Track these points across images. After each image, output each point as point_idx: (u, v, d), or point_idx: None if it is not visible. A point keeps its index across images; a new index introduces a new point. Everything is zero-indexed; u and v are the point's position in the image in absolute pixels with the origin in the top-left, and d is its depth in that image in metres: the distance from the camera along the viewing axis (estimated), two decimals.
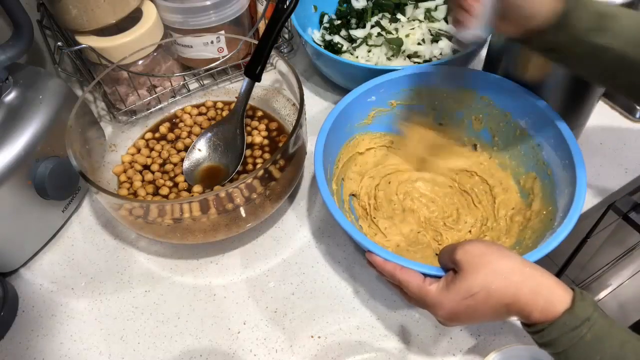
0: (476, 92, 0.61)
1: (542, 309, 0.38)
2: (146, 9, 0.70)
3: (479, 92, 0.61)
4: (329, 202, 0.50)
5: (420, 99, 0.62)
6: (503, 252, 0.40)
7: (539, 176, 0.57)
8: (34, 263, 0.61)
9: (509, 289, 0.38)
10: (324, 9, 0.83)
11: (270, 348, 0.53)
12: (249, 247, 0.61)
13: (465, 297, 0.39)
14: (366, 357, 0.52)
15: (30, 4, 0.70)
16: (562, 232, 0.46)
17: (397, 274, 0.44)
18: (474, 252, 0.40)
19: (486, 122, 0.62)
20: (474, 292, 0.39)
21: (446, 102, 0.63)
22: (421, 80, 0.61)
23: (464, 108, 0.62)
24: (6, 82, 0.56)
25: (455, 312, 0.41)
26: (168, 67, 0.73)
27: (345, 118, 0.59)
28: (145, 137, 0.68)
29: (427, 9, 0.80)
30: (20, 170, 0.54)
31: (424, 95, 0.62)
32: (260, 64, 0.59)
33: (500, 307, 0.39)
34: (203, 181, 0.62)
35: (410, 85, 0.61)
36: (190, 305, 0.57)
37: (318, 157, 0.53)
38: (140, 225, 0.54)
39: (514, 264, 0.39)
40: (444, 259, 0.44)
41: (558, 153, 0.54)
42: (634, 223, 1.11)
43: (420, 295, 0.43)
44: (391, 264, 0.45)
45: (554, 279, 0.39)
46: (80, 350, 0.54)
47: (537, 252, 0.45)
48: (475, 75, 0.61)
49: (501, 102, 0.60)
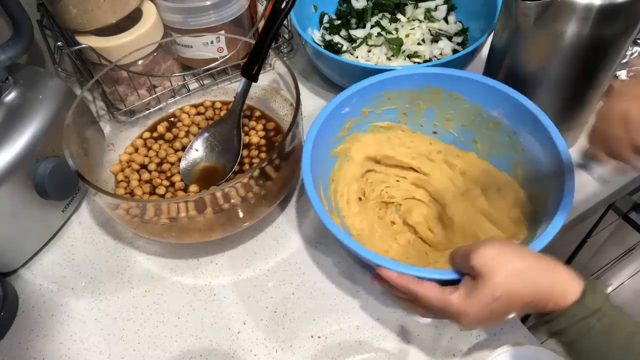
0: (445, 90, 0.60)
1: (555, 300, 0.38)
2: (146, 9, 0.70)
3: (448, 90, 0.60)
4: (332, 227, 0.47)
5: (390, 103, 0.62)
6: (516, 250, 0.40)
7: (522, 163, 0.57)
8: (34, 263, 0.61)
9: (528, 288, 0.39)
10: (324, 9, 0.83)
11: (270, 348, 0.53)
12: (249, 247, 0.61)
13: (488, 302, 0.39)
14: (366, 357, 0.52)
15: (30, 4, 0.70)
16: (560, 218, 0.46)
17: (413, 287, 0.43)
18: (489, 255, 0.40)
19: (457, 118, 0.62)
20: (497, 297, 0.39)
21: (416, 104, 0.62)
22: (391, 85, 0.60)
23: (434, 107, 0.62)
24: (6, 82, 0.56)
25: (480, 318, 0.40)
26: (168, 67, 0.73)
27: (323, 135, 0.57)
28: (143, 137, 0.68)
29: (427, 9, 0.80)
30: (20, 170, 0.54)
31: (393, 99, 0.61)
32: (257, 65, 0.59)
33: (521, 305, 0.39)
34: (199, 181, 0.62)
35: (380, 91, 0.60)
36: (190, 305, 0.57)
37: (307, 177, 0.51)
38: (137, 224, 0.54)
39: (530, 261, 0.40)
40: (457, 263, 0.43)
41: (535, 136, 0.54)
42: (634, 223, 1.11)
43: (442, 306, 0.41)
44: (405, 277, 0.43)
45: (567, 270, 0.39)
46: (80, 350, 0.54)
47: (537, 242, 0.45)
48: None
49: (472, 96, 0.59)
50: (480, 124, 0.60)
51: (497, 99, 0.57)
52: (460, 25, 0.79)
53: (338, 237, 0.47)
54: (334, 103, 0.56)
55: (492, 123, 0.59)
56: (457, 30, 0.78)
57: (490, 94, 0.57)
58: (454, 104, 0.60)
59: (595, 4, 0.49)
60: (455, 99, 0.60)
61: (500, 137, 0.59)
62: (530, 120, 0.54)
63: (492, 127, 0.59)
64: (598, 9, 0.49)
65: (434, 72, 0.59)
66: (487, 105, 0.58)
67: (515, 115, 0.56)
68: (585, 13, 0.50)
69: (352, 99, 0.58)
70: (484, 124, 0.60)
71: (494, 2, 0.71)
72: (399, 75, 0.59)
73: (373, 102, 0.60)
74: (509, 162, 0.59)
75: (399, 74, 0.59)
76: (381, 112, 0.62)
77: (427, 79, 0.59)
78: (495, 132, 0.59)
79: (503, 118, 0.58)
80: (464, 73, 0.58)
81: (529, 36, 0.55)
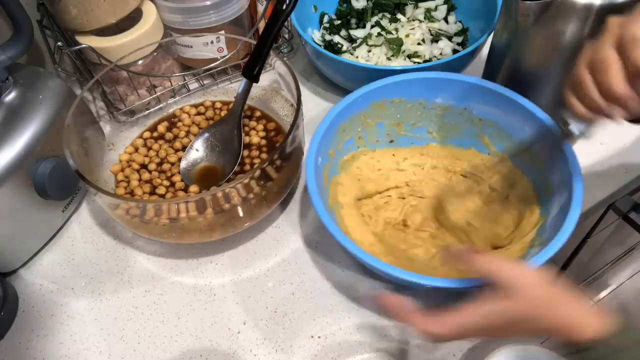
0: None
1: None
2: (146, 9, 0.70)
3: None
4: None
5: (346, 135, 0.61)
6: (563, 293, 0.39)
7: (485, 132, 0.60)
8: (34, 263, 0.61)
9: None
10: (324, 9, 0.83)
11: (270, 348, 0.53)
12: (249, 247, 0.61)
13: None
14: (366, 357, 0.52)
15: (30, 4, 0.70)
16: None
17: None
18: (535, 296, 0.38)
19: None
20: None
21: (366, 123, 0.62)
22: (343, 117, 0.59)
23: (382, 119, 0.62)
24: (6, 82, 0.56)
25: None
26: (168, 67, 0.73)
27: (315, 190, 0.55)
28: (144, 136, 0.68)
29: (427, 9, 0.80)
30: (20, 170, 0.54)
31: (347, 129, 0.61)
32: (258, 65, 0.59)
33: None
34: (200, 181, 0.62)
35: (335, 126, 0.59)
36: (190, 305, 0.57)
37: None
38: (137, 224, 0.54)
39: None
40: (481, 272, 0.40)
41: (487, 102, 0.57)
42: (634, 223, 1.11)
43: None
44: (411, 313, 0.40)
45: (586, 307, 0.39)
46: (80, 350, 0.54)
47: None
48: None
49: (412, 95, 0.61)
50: (428, 115, 0.62)
51: (437, 87, 0.59)
52: (460, 25, 0.79)
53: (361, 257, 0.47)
54: (311, 157, 0.54)
55: (439, 110, 0.61)
56: (457, 30, 0.78)
57: (429, 85, 0.60)
58: (399, 108, 0.62)
59: (595, 4, 0.49)
60: (399, 103, 0.61)
61: (452, 119, 0.61)
62: (477, 90, 0.57)
63: (440, 113, 0.61)
64: (598, 9, 0.49)
65: (374, 87, 0.59)
66: (429, 96, 0.60)
67: (459, 94, 0.59)
68: (585, 13, 0.50)
69: (320, 147, 0.55)
70: (433, 114, 0.62)
71: (494, 2, 0.71)
72: (347, 104, 0.58)
73: (334, 139, 0.59)
74: (472, 137, 0.61)
75: (347, 103, 0.58)
76: (342, 146, 0.61)
77: (370, 96, 0.60)
78: (446, 117, 0.61)
79: (448, 101, 0.60)
80: (398, 77, 0.59)
81: (529, 36, 0.55)
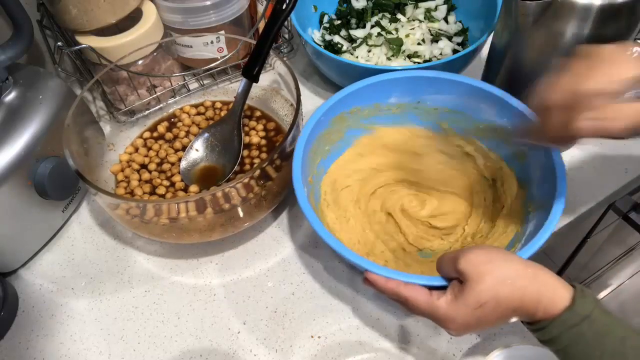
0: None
1: (544, 308, 0.38)
2: (146, 9, 0.70)
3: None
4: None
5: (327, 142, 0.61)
6: (505, 256, 0.40)
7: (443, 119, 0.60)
8: (34, 263, 0.61)
9: (515, 294, 0.38)
10: (324, 9, 0.83)
11: (270, 348, 0.53)
12: (249, 247, 0.61)
13: (475, 307, 0.39)
14: (366, 357, 0.52)
15: (30, 4, 0.70)
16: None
17: (402, 292, 0.43)
18: (477, 261, 0.40)
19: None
20: (483, 302, 0.39)
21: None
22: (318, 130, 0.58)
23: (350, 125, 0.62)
24: (6, 82, 0.56)
25: (466, 324, 0.40)
26: (168, 67, 0.73)
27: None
28: (144, 136, 0.68)
29: (427, 9, 0.80)
30: (20, 170, 0.54)
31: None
32: (258, 65, 0.59)
33: (508, 312, 0.39)
34: (200, 181, 0.62)
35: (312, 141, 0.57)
36: (190, 305, 0.57)
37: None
38: (137, 224, 0.54)
39: (517, 267, 0.39)
40: (445, 269, 0.43)
41: (436, 88, 0.57)
42: (634, 223, 1.11)
43: (429, 311, 0.42)
44: (394, 282, 0.43)
45: (555, 277, 0.39)
46: (80, 350, 0.54)
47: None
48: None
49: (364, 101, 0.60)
50: (384, 114, 0.62)
51: (388, 89, 0.59)
52: (460, 25, 0.79)
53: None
54: (296, 176, 0.52)
55: (394, 108, 0.61)
56: (457, 30, 0.78)
57: (380, 88, 0.59)
58: (357, 117, 0.61)
59: (595, 4, 0.49)
60: (356, 113, 0.60)
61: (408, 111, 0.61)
62: (424, 82, 0.58)
63: (396, 111, 0.61)
64: (598, 9, 0.49)
65: (330, 104, 0.57)
66: (381, 99, 0.60)
67: (404, 89, 0.59)
68: (585, 13, 0.50)
69: (302, 163, 0.53)
70: (389, 113, 0.62)
71: (494, 2, 0.71)
72: (310, 129, 0.55)
73: (308, 165, 0.56)
74: (432, 123, 0.62)
75: (310, 129, 0.55)
76: (316, 169, 0.59)
77: (329, 113, 0.57)
78: (399, 109, 0.61)
79: (401, 99, 0.60)
80: (345, 90, 0.58)
81: (529, 36, 0.55)
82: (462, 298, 0.40)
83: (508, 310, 0.39)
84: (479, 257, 0.40)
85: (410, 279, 0.43)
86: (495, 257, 0.40)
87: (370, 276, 0.44)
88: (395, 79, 0.58)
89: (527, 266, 0.40)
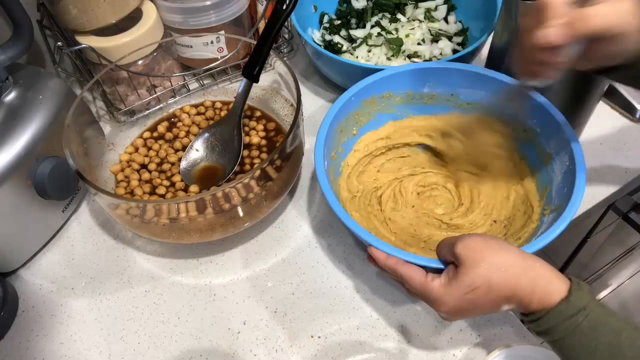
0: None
1: (539, 299, 0.38)
2: (146, 9, 0.70)
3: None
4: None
5: (343, 135, 0.62)
6: (502, 244, 0.41)
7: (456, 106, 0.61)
8: (34, 263, 0.61)
9: (509, 282, 0.39)
10: (324, 9, 0.83)
11: (270, 348, 0.53)
12: (249, 247, 0.61)
13: (466, 292, 0.40)
14: (366, 357, 0.52)
15: (30, 4, 0.70)
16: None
17: (399, 269, 0.44)
18: (474, 246, 0.41)
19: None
20: (476, 287, 0.39)
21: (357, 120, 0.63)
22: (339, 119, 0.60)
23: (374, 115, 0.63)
24: (6, 82, 0.56)
25: (457, 308, 0.41)
26: (168, 67, 0.73)
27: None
28: (144, 136, 0.68)
29: (427, 9, 0.80)
30: (20, 170, 0.54)
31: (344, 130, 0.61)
32: (258, 65, 0.59)
33: (500, 299, 0.40)
34: (200, 181, 0.62)
35: (335, 126, 0.59)
36: (190, 305, 0.57)
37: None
38: (137, 224, 0.54)
39: (513, 256, 0.40)
40: (443, 253, 0.44)
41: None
42: (634, 223, 1.11)
43: (422, 291, 0.43)
44: (393, 259, 0.45)
45: (551, 269, 0.40)
46: (80, 350, 0.54)
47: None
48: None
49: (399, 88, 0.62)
50: (415, 102, 0.64)
51: (423, 77, 0.61)
52: (460, 25, 0.79)
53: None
54: (319, 163, 0.54)
55: (427, 98, 0.63)
56: (457, 30, 0.78)
57: (414, 77, 0.61)
58: (388, 103, 0.63)
59: None
60: (388, 98, 0.62)
61: (440, 100, 0.63)
62: (456, 74, 0.59)
63: (428, 102, 0.63)
64: None
65: (363, 86, 0.59)
66: (415, 87, 0.62)
67: (438, 79, 0.61)
68: None
69: (323, 149, 0.55)
70: (421, 102, 0.63)
71: (494, 2, 0.71)
72: (341, 105, 0.58)
73: (333, 141, 0.59)
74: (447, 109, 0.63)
75: (340, 105, 0.58)
76: (341, 147, 0.61)
77: (361, 94, 0.60)
78: (432, 100, 0.63)
79: (434, 89, 0.62)
80: (386, 72, 0.60)
81: None
82: (455, 281, 0.40)
83: (500, 298, 0.39)
84: (476, 243, 0.41)
85: (409, 258, 0.44)
86: (492, 244, 0.41)
87: (372, 251, 0.46)
88: (429, 69, 0.60)
89: (524, 257, 0.40)
